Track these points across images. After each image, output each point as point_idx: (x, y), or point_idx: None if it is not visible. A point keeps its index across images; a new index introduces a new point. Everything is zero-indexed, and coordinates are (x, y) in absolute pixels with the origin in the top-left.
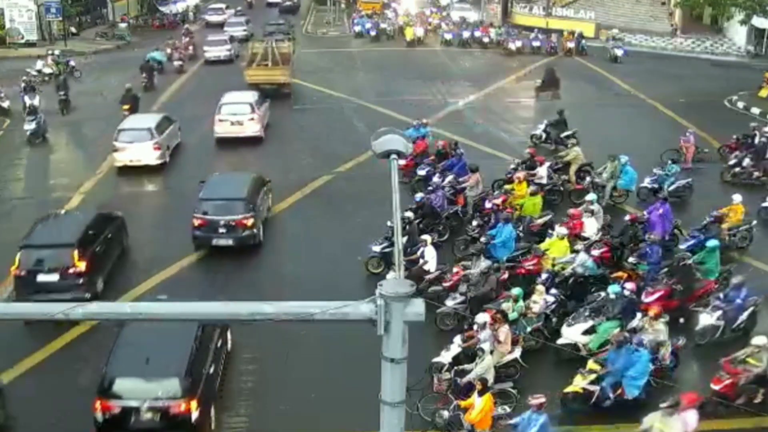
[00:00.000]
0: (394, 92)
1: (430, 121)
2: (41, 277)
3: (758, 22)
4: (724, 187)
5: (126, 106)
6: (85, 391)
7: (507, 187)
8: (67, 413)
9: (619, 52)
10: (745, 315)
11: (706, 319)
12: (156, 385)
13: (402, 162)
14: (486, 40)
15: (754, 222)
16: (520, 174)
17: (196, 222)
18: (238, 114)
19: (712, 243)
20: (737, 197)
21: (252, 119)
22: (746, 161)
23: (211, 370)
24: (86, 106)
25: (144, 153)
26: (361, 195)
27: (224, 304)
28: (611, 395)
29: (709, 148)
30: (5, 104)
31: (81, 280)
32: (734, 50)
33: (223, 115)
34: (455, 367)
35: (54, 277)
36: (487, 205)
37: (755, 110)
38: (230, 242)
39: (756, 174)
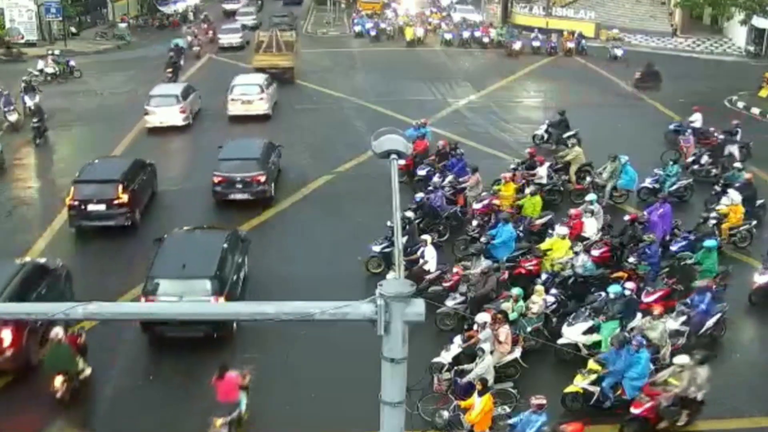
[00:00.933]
0: (394, 92)
1: (430, 121)
2: (91, 207)
3: (758, 22)
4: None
5: (169, 70)
6: None
7: (495, 188)
8: None
9: (618, 52)
10: (711, 322)
11: (670, 324)
12: (191, 285)
13: (402, 162)
14: (486, 40)
15: (754, 222)
16: (507, 174)
17: (216, 179)
18: (248, 94)
19: (709, 243)
20: (737, 197)
21: (261, 99)
22: (704, 159)
23: (234, 279)
24: (86, 107)
25: (171, 116)
26: (361, 195)
27: (225, 304)
28: (611, 396)
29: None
30: (13, 118)
31: (123, 210)
32: (734, 50)
33: (234, 95)
34: (455, 368)
35: (102, 207)
36: (476, 206)
37: (755, 110)
38: (246, 196)
39: (714, 171)
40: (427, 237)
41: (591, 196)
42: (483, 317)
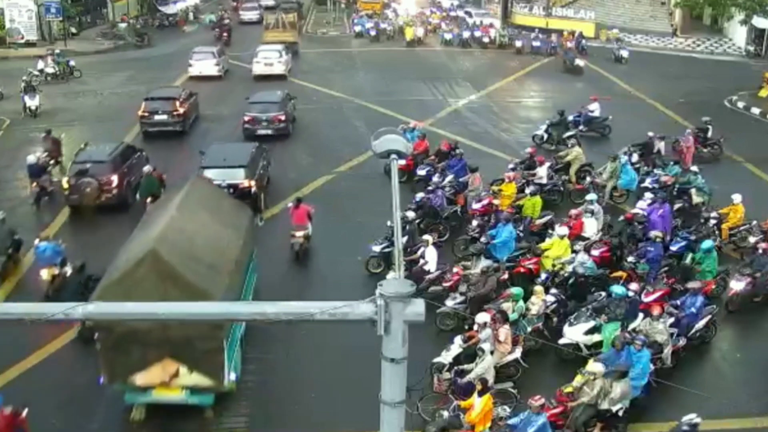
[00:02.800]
0: (394, 92)
1: (422, 123)
2: (157, 117)
3: (758, 22)
4: (724, 188)
5: (225, 33)
6: None
7: (494, 188)
8: None
9: (624, 53)
10: (701, 324)
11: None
12: (230, 173)
13: (402, 162)
14: (486, 40)
15: (754, 222)
16: (509, 174)
17: (246, 119)
18: (269, 58)
19: (705, 245)
20: (737, 197)
21: (279, 62)
22: (634, 157)
23: (261, 171)
24: (86, 107)
25: (209, 67)
26: (361, 195)
27: (225, 304)
28: None
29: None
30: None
31: (181, 119)
32: (734, 50)
33: (258, 59)
34: (455, 367)
35: (165, 117)
36: (475, 206)
37: (755, 110)
38: (269, 132)
39: (644, 169)
40: (428, 237)
41: (591, 196)
42: (483, 317)
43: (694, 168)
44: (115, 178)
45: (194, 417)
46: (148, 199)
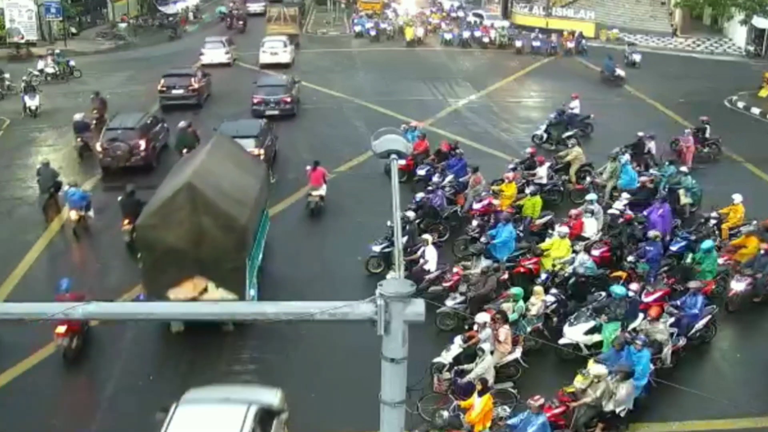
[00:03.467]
0: (394, 92)
1: (422, 124)
2: (174, 91)
3: (758, 22)
4: (724, 188)
5: (241, 22)
6: None
7: (495, 188)
8: None
9: (636, 57)
10: (701, 324)
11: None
12: (242, 142)
13: (402, 162)
14: (486, 40)
15: (754, 222)
16: (509, 174)
17: (255, 100)
18: (275, 47)
19: (705, 245)
20: (737, 197)
21: (284, 52)
22: (626, 157)
23: (269, 143)
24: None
25: (219, 56)
26: (361, 195)
27: (225, 304)
28: None
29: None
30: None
31: (196, 93)
32: (734, 50)
33: (265, 49)
34: (455, 367)
35: (181, 91)
36: (475, 206)
37: (755, 110)
38: (276, 112)
39: (636, 169)
40: (427, 237)
41: (591, 196)
42: (483, 317)
43: (684, 168)
44: (142, 143)
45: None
46: (184, 151)
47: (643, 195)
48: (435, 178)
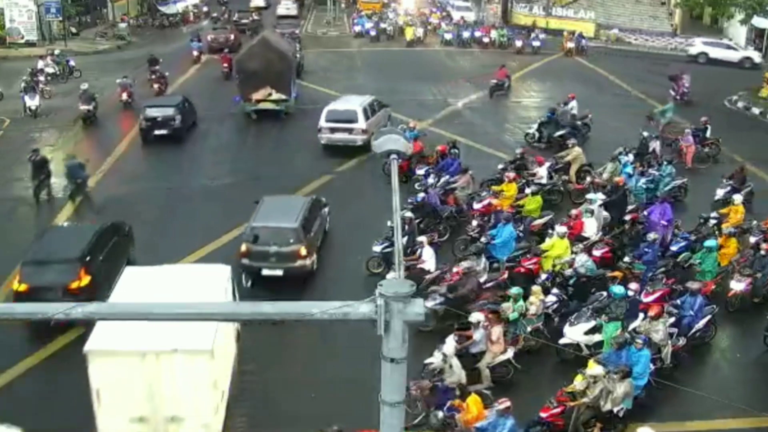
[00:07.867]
0: (394, 92)
1: (419, 124)
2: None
3: (758, 22)
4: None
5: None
6: None
7: (495, 188)
8: None
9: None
10: (701, 323)
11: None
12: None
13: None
14: (486, 40)
15: (754, 222)
16: (511, 174)
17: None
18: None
19: (709, 243)
20: (738, 197)
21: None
22: (629, 157)
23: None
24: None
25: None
26: (360, 195)
27: (225, 304)
28: None
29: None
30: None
31: (178, 119)
32: None
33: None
34: (434, 374)
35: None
36: (475, 206)
37: (755, 110)
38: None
39: (639, 169)
40: (422, 238)
41: (591, 196)
42: (477, 316)
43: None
44: (178, 118)
45: None
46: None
47: (618, 195)
48: (430, 180)
